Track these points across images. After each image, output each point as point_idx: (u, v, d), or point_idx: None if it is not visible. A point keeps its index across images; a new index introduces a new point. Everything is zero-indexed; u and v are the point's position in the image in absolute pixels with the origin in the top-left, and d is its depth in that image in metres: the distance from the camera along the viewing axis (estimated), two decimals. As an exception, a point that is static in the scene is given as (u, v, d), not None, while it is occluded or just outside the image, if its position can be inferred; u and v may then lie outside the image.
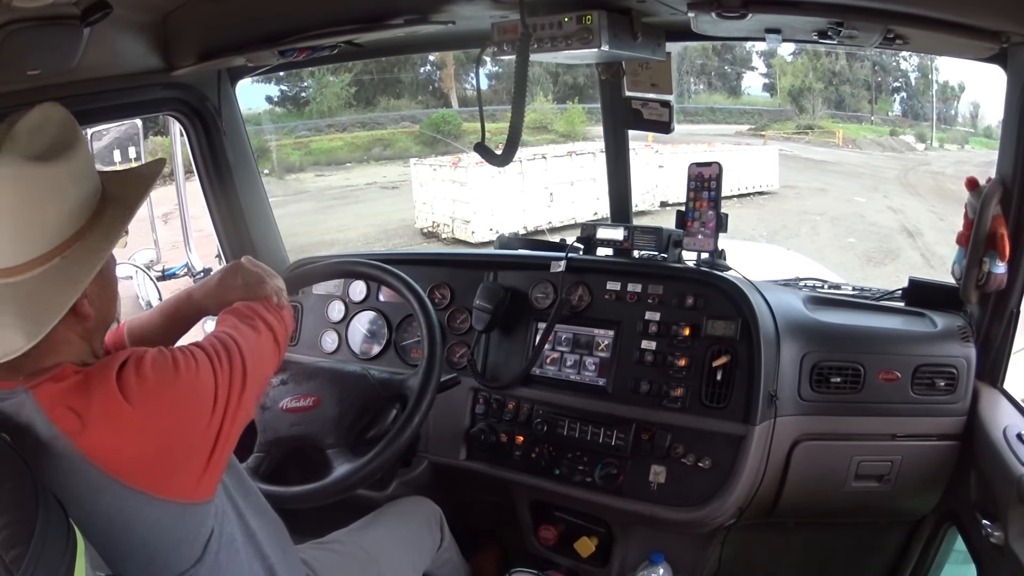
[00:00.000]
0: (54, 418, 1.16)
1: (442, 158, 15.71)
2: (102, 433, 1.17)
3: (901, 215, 16.78)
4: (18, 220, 1.17)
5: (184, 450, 1.25)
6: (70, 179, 1.22)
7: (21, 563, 0.98)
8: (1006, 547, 1.64)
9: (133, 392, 1.19)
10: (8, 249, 1.18)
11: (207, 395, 1.28)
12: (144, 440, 1.20)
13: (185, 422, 1.25)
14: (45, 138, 1.22)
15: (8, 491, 1.04)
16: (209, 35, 2.08)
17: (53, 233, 1.20)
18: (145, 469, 1.20)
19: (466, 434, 2.25)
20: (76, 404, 1.17)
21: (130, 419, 1.18)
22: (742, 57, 28.51)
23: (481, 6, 1.93)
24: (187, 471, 1.26)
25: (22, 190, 1.17)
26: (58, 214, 1.21)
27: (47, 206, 1.20)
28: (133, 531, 1.21)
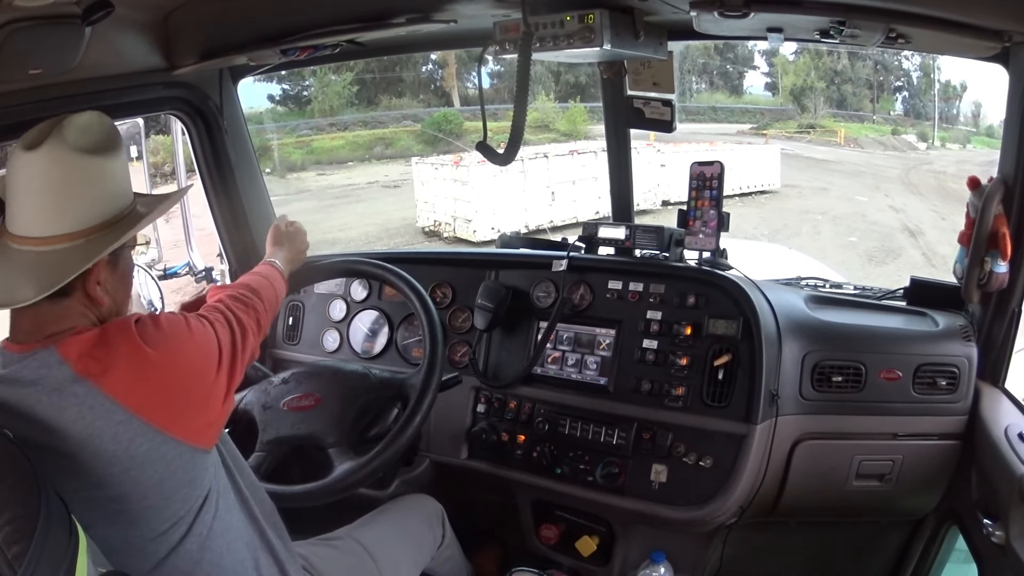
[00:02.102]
0: (79, 367, 1.27)
1: (444, 157, 15.69)
2: (124, 374, 1.29)
3: (903, 214, 16.76)
4: (58, 199, 1.32)
5: (197, 394, 1.39)
6: (106, 175, 1.36)
7: (23, 559, 0.99)
8: (1007, 546, 1.64)
9: (152, 339, 1.33)
10: (43, 222, 1.32)
11: (214, 350, 1.43)
12: (163, 379, 1.33)
13: (198, 369, 1.39)
14: (91, 136, 1.34)
15: (10, 487, 1.04)
16: (211, 34, 2.08)
17: (84, 217, 1.33)
18: (162, 406, 1.32)
19: (467, 433, 2.25)
20: (99, 353, 1.29)
21: (150, 360, 1.31)
22: (744, 56, 28.48)
23: (483, 5, 1.93)
24: (198, 415, 1.39)
25: (65, 174, 1.31)
26: (92, 201, 1.34)
27: (83, 192, 1.33)
28: (151, 467, 1.31)
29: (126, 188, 1.42)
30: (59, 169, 1.31)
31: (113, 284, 1.40)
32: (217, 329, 1.46)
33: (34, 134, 1.33)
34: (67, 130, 1.32)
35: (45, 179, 1.31)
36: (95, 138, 1.35)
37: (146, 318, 1.37)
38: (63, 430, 1.25)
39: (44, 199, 1.32)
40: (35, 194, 1.33)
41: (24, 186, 1.33)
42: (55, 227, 1.32)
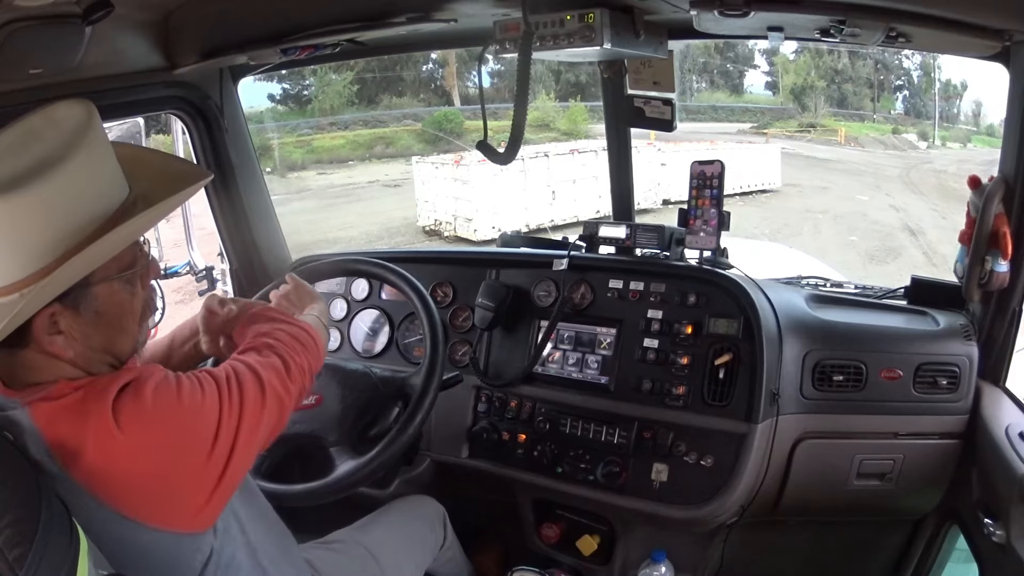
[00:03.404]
0: (49, 439, 1.13)
1: (444, 156, 15.68)
2: (92, 459, 1.12)
3: (903, 213, 16.76)
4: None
5: (180, 483, 1.19)
6: (29, 213, 1.12)
7: (24, 562, 0.98)
8: (1008, 546, 1.64)
9: (126, 419, 1.14)
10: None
11: (208, 430, 1.20)
12: (135, 470, 1.14)
13: (182, 454, 1.18)
14: (23, 158, 1.12)
15: (11, 490, 1.04)
16: (211, 33, 2.08)
17: (9, 270, 1.13)
18: (137, 500, 1.16)
19: (468, 432, 2.25)
20: (70, 428, 1.13)
21: (119, 445, 1.13)
22: (744, 55, 28.48)
23: (483, 4, 1.93)
24: (184, 504, 1.20)
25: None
26: (12, 251, 1.13)
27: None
28: (127, 550, 1.17)
29: (70, 215, 1.15)
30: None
31: (83, 330, 1.20)
32: (222, 402, 1.23)
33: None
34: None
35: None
36: (33, 157, 1.12)
37: (131, 388, 1.17)
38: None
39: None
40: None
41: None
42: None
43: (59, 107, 1.18)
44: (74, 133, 1.16)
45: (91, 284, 1.19)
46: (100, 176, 1.20)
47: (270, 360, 1.36)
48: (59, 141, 1.14)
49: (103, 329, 1.22)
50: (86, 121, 1.18)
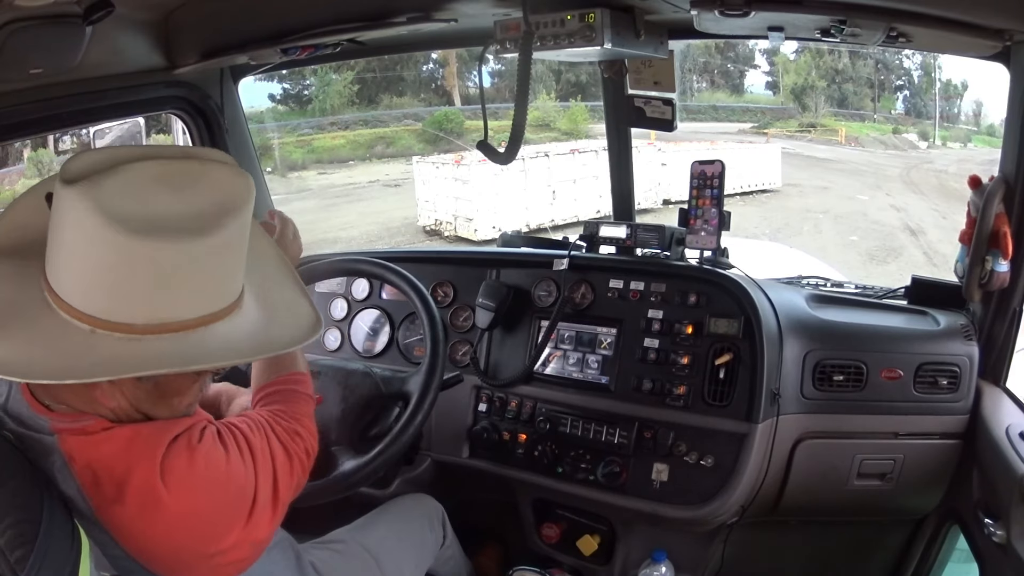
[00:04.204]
0: (81, 478, 1.09)
1: (445, 156, 15.67)
2: (132, 513, 1.09)
3: (904, 213, 16.75)
4: (76, 267, 1.04)
5: (215, 550, 1.16)
6: (152, 265, 1.02)
7: (25, 564, 0.98)
8: (1008, 546, 1.64)
9: (175, 482, 1.09)
10: (65, 284, 1.05)
11: (247, 499, 1.19)
12: (175, 538, 1.12)
13: (221, 522, 1.15)
14: (164, 197, 1.03)
15: (12, 491, 1.04)
16: (211, 33, 2.08)
17: (106, 308, 1.04)
18: (170, 563, 1.14)
19: (469, 432, 2.25)
20: (109, 474, 1.08)
21: (163, 505, 1.09)
22: (745, 55, 28.45)
23: (483, 4, 1.93)
24: (216, 567, 1.18)
25: (88, 243, 1.01)
26: (123, 292, 1.03)
27: (110, 275, 1.02)
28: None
29: (185, 294, 1.06)
30: (77, 233, 1.01)
31: (135, 392, 1.13)
32: (259, 471, 1.21)
33: (81, 166, 1.02)
34: (111, 182, 1.00)
35: (66, 237, 1.03)
36: (158, 201, 1.02)
37: (184, 442, 1.12)
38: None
39: (64, 258, 1.04)
40: (54, 242, 1.05)
41: (54, 228, 1.05)
42: (72, 297, 1.04)
43: (217, 166, 1.10)
44: (232, 202, 1.08)
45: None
46: (236, 255, 1.12)
47: (290, 425, 1.37)
48: (220, 200, 1.07)
49: (153, 399, 1.16)
50: (240, 197, 1.10)
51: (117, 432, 1.10)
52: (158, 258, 1.01)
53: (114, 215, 0.98)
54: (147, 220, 1.00)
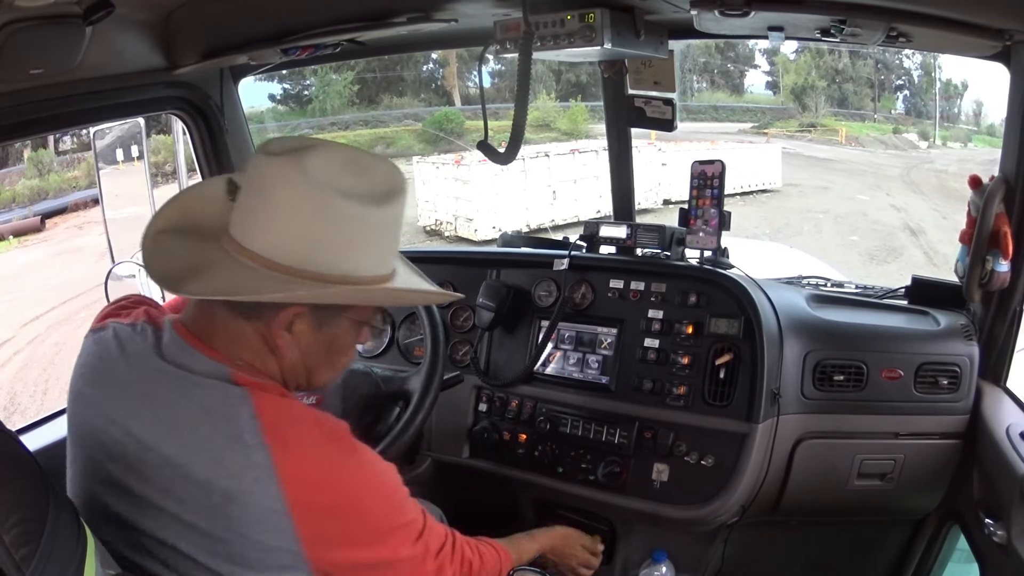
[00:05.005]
0: (270, 436, 1.17)
1: (445, 156, 15.70)
2: (298, 464, 1.18)
3: (904, 213, 16.78)
4: (274, 219, 1.20)
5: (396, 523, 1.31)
6: (342, 224, 1.21)
7: (31, 561, 0.98)
8: (1009, 546, 1.64)
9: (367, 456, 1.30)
10: (256, 235, 1.21)
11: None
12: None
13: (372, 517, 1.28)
14: (349, 178, 1.22)
15: (18, 489, 1.03)
16: (211, 33, 2.08)
17: (296, 256, 1.20)
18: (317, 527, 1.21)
19: (469, 432, 2.25)
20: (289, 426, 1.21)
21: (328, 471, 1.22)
22: (745, 55, 28.53)
23: (483, 4, 1.93)
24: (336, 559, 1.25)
25: (294, 198, 1.19)
26: (311, 243, 1.21)
27: (305, 229, 1.20)
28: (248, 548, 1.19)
29: (363, 251, 1.25)
30: (285, 191, 1.19)
31: (309, 343, 1.28)
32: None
33: (280, 143, 1.23)
34: (313, 154, 1.20)
35: (271, 193, 1.20)
36: (346, 179, 1.21)
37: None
38: (207, 473, 1.16)
39: (261, 212, 1.21)
40: (257, 203, 1.22)
41: (253, 190, 1.23)
42: (262, 247, 1.20)
43: (380, 160, 1.29)
44: (397, 187, 1.27)
45: (343, 313, 1.29)
46: (397, 231, 1.31)
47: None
48: (389, 185, 1.25)
49: (323, 354, 1.32)
50: (401, 184, 1.29)
51: (311, 411, 1.27)
52: (351, 217, 1.20)
53: (318, 181, 1.18)
54: (342, 188, 1.19)
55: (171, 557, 1.19)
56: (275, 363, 1.28)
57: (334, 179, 1.19)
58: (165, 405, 1.20)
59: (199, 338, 1.24)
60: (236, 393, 1.20)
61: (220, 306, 1.23)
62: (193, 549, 1.17)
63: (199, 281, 1.20)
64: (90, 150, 3.66)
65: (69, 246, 14.12)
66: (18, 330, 10.14)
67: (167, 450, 1.17)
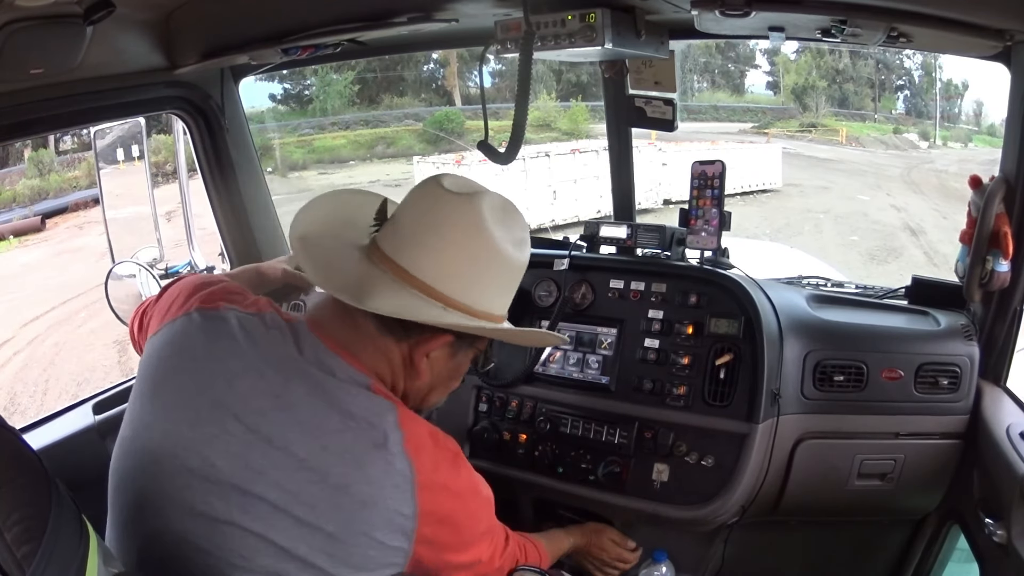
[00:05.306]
0: (410, 447, 1.24)
1: (445, 156, 15.71)
2: (430, 474, 1.25)
3: (904, 213, 16.77)
4: (443, 250, 1.29)
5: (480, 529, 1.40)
6: (501, 266, 1.33)
7: (33, 559, 0.98)
8: (1009, 546, 1.64)
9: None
10: (419, 260, 1.28)
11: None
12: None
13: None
14: (505, 224, 1.33)
15: (20, 487, 1.03)
16: (212, 33, 2.08)
17: (455, 288, 1.30)
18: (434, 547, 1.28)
19: (469, 432, 2.24)
20: (434, 453, 1.28)
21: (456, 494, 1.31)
22: (745, 55, 28.52)
23: (484, 4, 1.93)
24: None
25: (465, 239, 1.29)
26: (469, 279, 1.31)
27: (468, 266, 1.31)
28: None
29: (506, 295, 1.41)
30: (461, 231, 1.29)
31: (440, 369, 1.38)
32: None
33: (458, 180, 1.33)
34: (487, 200, 1.31)
35: (446, 227, 1.29)
36: (505, 228, 1.32)
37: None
38: (345, 476, 1.20)
39: (431, 241, 1.29)
40: (427, 232, 1.30)
41: (422, 218, 1.31)
42: (423, 273, 1.28)
43: (519, 211, 1.39)
44: (527, 238, 1.39)
45: (474, 344, 1.41)
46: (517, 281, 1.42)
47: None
48: (524, 235, 1.38)
49: (444, 379, 1.42)
50: (522, 228, 1.39)
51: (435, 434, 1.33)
52: (503, 262, 1.33)
53: (488, 226, 1.29)
54: (501, 234, 1.31)
55: (272, 557, 1.19)
56: (403, 382, 1.35)
57: (497, 225, 1.30)
58: (303, 406, 1.22)
59: (343, 347, 1.28)
60: (382, 403, 1.25)
61: (371, 321, 1.28)
62: (308, 551, 1.19)
63: (375, 298, 1.25)
64: (90, 150, 3.66)
65: (69, 246, 14.14)
66: (18, 330, 10.14)
67: (301, 451, 1.19)
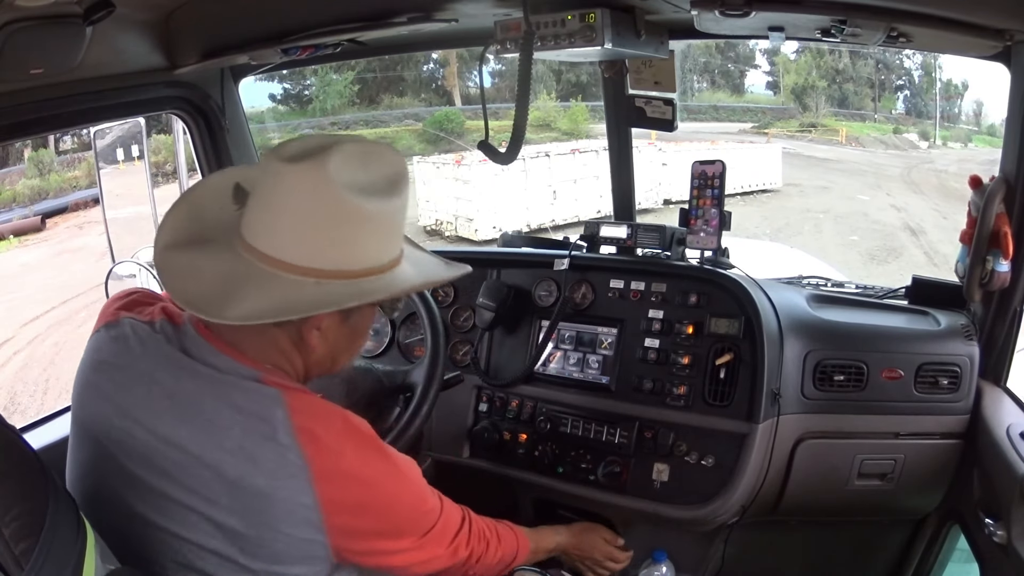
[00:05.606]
0: (299, 431, 1.20)
1: (445, 156, 15.69)
2: (328, 461, 1.21)
3: (904, 213, 16.77)
4: (303, 229, 1.20)
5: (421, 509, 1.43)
6: (366, 221, 1.22)
7: (30, 556, 0.98)
8: (1009, 546, 1.64)
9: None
10: (282, 246, 1.20)
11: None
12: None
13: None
14: (361, 173, 1.21)
15: (18, 483, 1.04)
16: (212, 33, 2.08)
17: (327, 258, 1.21)
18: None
19: (469, 432, 2.25)
20: (324, 430, 1.23)
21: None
22: (745, 55, 28.52)
23: (484, 4, 1.93)
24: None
25: (319, 206, 1.19)
26: (340, 245, 1.22)
27: (333, 232, 1.21)
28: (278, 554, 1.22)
29: (386, 241, 1.27)
30: (309, 197, 1.18)
31: (336, 336, 1.31)
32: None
33: (298, 148, 1.22)
34: (333, 156, 1.18)
35: (294, 200, 1.19)
36: (362, 174, 1.21)
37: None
38: (240, 472, 1.18)
39: (284, 219, 1.20)
40: (278, 210, 1.21)
41: (271, 197, 1.21)
42: (287, 253, 1.19)
43: (371, 144, 1.27)
44: (393, 175, 1.26)
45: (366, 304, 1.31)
46: (400, 215, 1.31)
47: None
48: (381, 176, 1.24)
49: (347, 343, 1.35)
50: (395, 168, 1.27)
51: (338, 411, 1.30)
52: (374, 214, 1.22)
53: (341, 184, 1.18)
54: (362, 186, 1.20)
55: (194, 553, 1.20)
56: (301, 360, 1.30)
57: (354, 178, 1.20)
58: (195, 405, 1.20)
59: (229, 344, 1.24)
60: (269, 394, 1.21)
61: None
62: (221, 545, 1.19)
63: (239, 303, 1.18)
64: (90, 150, 3.66)
65: (69, 246, 14.13)
66: (18, 330, 10.14)
67: (196, 449, 1.18)
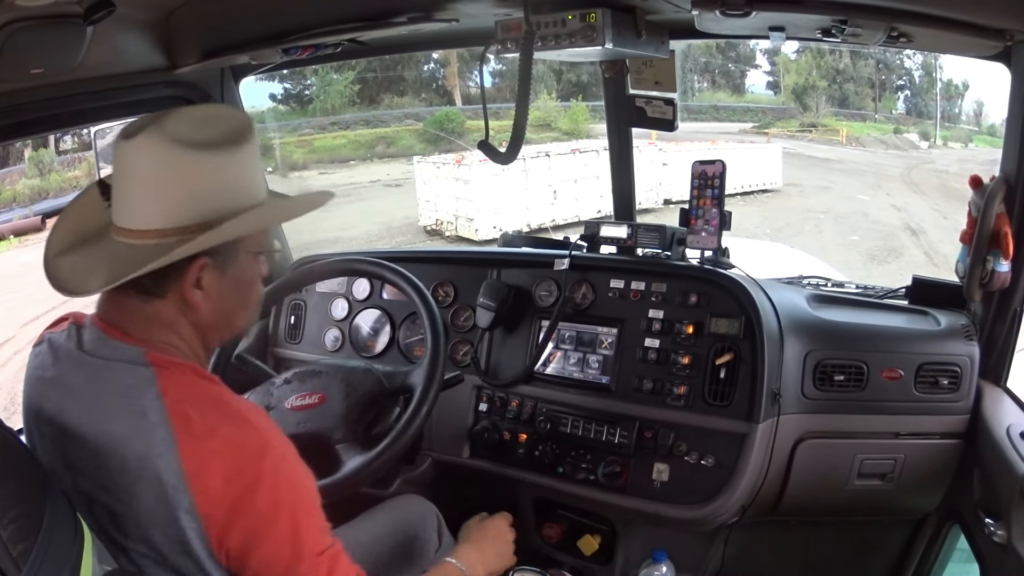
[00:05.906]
0: (174, 414, 1.17)
1: (446, 156, 15.65)
2: (198, 442, 1.17)
3: (904, 213, 16.74)
4: (146, 191, 1.23)
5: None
6: (204, 171, 1.24)
7: (28, 557, 0.98)
8: (1009, 546, 1.64)
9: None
10: (134, 214, 1.23)
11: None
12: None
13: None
14: (195, 129, 1.25)
15: (15, 484, 1.04)
16: (212, 33, 2.08)
17: (175, 214, 1.23)
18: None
19: (469, 432, 2.25)
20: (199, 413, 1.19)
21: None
22: (746, 55, 28.43)
23: (485, 4, 1.94)
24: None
25: (155, 166, 1.21)
26: (183, 198, 1.23)
27: (174, 187, 1.23)
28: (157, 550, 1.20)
29: (238, 188, 1.29)
30: (148, 160, 1.21)
31: (220, 290, 1.30)
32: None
33: (137, 123, 1.25)
34: (169, 120, 1.23)
35: (137, 169, 1.23)
36: (201, 132, 1.24)
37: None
38: (113, 444, 1.17)
39: (134, 190, 1.24)
40: (128, 183, 1.24)
41: (120, 174, 1.25)
42: (145, 221, 1.22)
43: (208, 106, 1.39)
44: (231, 126, 1.29)
45: (239, 250, 1.31)
46: (260, 164, 1.35)
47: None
48: (216, 129, 1.27)
49: (236, 296, 1.34)
50: (235, 120, 1.31)
51: (212, 386, 1.27)
52: (219, 165, 1.24)
53: (180, 141, 1.21)
54: (203, 140, 1.23)
55: (110, 544, 1.21)
56: (193, 331, 1.30)
57: (192, 136, 1.23)
58: (86, 395, 1.22)
59: (116, 327, 1.26)
60: (143, 374, 1.20)
61: (130, 293, 1.24)
62: (116, 532, 1.19)
63: (99, 276, 1.22)
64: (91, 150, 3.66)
65: (70, 246, 14.08)
66: (18, 330, 10.12)
67: (93, 440, 1.19)
